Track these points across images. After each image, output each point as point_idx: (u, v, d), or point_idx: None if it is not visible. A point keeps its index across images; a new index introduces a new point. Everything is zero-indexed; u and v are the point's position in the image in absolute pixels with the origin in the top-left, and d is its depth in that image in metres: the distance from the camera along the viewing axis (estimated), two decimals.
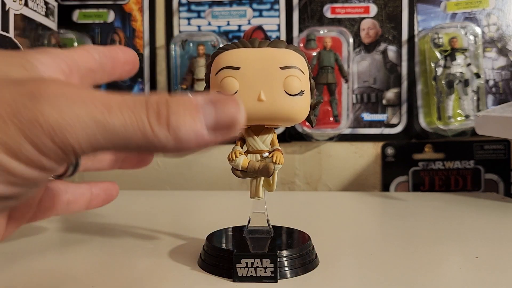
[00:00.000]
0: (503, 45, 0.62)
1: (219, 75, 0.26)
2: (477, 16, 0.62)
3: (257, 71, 0.25)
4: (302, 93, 0.26)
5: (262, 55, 0.26)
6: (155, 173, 0.65)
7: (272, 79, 0.25)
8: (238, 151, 0.27)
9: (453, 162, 0.62)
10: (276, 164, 0.26)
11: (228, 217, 0.34)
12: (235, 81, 0.25)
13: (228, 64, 0.26)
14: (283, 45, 0.27)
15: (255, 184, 0.28)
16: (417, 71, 0.63)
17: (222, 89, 0.26)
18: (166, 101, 0.17)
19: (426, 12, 0.63)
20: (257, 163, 0.27)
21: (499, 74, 0.62)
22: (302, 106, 0.26)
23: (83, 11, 0.64)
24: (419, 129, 0.62)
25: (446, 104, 0.60)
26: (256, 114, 0.25)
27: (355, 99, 0.63)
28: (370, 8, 0.63)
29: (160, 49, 0.65)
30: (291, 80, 0.25)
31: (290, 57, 0.26)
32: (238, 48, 0.26)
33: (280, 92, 0.25)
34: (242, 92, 0.25)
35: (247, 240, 0.29)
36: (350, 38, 0.62)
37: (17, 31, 0.49)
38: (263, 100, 0.25)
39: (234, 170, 0.27)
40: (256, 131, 0.28)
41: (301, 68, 0.26)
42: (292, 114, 0.26)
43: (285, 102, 0.25)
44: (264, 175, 0.27)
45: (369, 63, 0.63)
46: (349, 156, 0.64)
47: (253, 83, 0.25)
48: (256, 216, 0.30)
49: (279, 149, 0.27)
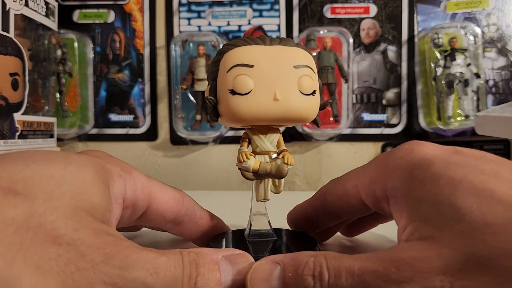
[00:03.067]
0: (503, 45, 0.62)
1: (231, 73, 0.25)
2: (477, 16, 0.62)
3: (271, 69, 0.25)
4: (315, 93, 0.25)
5: (274, 53, 0.25)
6: (155, 173, 0.65)
7: (286, 78, 0.25)
8: (248, 153, 0.26)
9: None
10: (288, 165, 0.26)
11: (228, 217, 0.34)
12: (250, 79, 0.24)
13: (241, 61, 0.25)
14: (293, 44, 0.26)
15: (263, 186, 0.27)
16: (417, 71, 0.63)
17: (236, 87, 0.24)
18: (196, 264, 0.19)
19: (426, 12, 0.63)
20: (268, 164, 0.26)
21: (499, 74, 0.62)
22: (315, 106, 0.26)
23: (83, 11, 0.64)
24: (419, 129, 0.62)
25: (446, 104, 0.60)
26: (272, 114, 0.25)
27: (355, 99, 0.63)
28: (370, 8, 0.63)
29: (160, 49, 0.65)
30: (305, 79, 0.25)
31: (302, 56, 0.25)
32: (250, 45, 0.25)
33: (295, 91, 0.25)
34: (257, 91, 0.24)
35: (248, 243, 0.28)
36: (350, 38, 0.62)
37: (18, 31, 0.49)
38: (279, 100, 0.24)
39: (244, 172, 0.26)
40: (263, 131, 0.27)
41: (312, 68, 0.26)
42: (306, 114, 0.26)
43: (301, 102, 0.25)
44: (278, 177, 0.26)
45: (369, 63, 0.63)
46: (349, 156, 0.64)
47: (267, 82, 0.24)
48: (257, 219, 0.29)
49: (286, 150, 0.27)
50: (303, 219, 0.30)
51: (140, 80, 0.64)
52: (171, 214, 0.27)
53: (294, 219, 0.31)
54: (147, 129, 0.65)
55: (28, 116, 0.51)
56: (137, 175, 0.25)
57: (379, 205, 0.24)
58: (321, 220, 0.29)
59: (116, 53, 0.64)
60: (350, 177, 0.26)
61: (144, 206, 0.25)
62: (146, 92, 0.64)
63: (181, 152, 0.65)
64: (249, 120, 0.25)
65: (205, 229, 0.29)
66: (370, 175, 0.24)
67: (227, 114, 0.25)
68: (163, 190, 0.26)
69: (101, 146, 0.65)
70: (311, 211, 0.29)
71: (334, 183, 0.28)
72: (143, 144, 0.65)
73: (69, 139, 0.64)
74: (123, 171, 0.24)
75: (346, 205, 0.26)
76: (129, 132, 0.65)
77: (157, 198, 0.26)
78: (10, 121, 0.48)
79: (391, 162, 0.23)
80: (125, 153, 0.65)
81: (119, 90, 0.64)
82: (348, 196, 0.26)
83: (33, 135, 0.52)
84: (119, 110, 0.65)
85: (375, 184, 0.23)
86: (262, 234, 0.28)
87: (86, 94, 0.64)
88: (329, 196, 0.28)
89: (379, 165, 0.24)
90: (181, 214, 0.27)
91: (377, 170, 0.24)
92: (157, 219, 0.26)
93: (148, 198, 0.25)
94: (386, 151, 0.22)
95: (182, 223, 0.28)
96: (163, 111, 0.65)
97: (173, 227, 0.28)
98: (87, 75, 0.64)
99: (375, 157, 0.26)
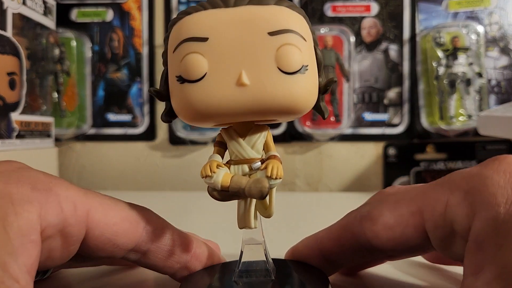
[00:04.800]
0: (505, 44, 0.61)
1: (178, 52, 0.18)
2: (479, 15, 0.62)
3: (234, 41, 0.17)
4: (306, 69, 0.18)
5: (240, 17, 0.17)
6: (154, 173, 0.64)
7: (257, 51, 0.17)
8: (215, 163, 0.18)
9: (455, 162, 0.61)
10: (273, 179, 0.18)
11: (228, 217, 0.33)
12: (202, 58, 0.17)
13: (190, 34, 0.17)
14: (272, 1, 0.18)
15: (243, 208, 0.19)
16: (419, 71, 0.62)
17: (183, 72, 0.17)
18: None
19: (427, 11, 0.62)
20: (243, 178, 0.18)
21: (501, 74, 0.61)
22: (307, 87, 0.18)
23: (81, 10, 0.64)
24: (420, 129, 0.62)
25: (448, 104, 0.59)
26: (237, 105, 0.17)
27: (356, 99, 0.63)
28: (371, 6, 0.62)
29: (159, 48, 0.64)
30: (287, 50, 0.17)
31: (283, 16, 0.18)
32: (205, 10, 0.18)
33: (271, 69, 0.17)
34: (214, 74, 0.17)
35: (238, 286, 0.20)
36: (351, 37, 0.61)
37: (15, 30, 0.48)
38: (246, 84, 0.17)
39: (211, 190, 0.19)
40: (242, 131, 0.19)
41: (300, 33, 0.18)
42: (293, 102, 0.17)
43: (280, 83, 0.17)
44: (255, 197, 0.18)
45: (370, 62, 0.63)
46: (350, 156, 0.63)
47: (229, 59, 0.17)
48: (249, 249, 0.21)
49: (275, 156, 0.19)
50: (316, 257, 0.23)
51: (139, 79, 0.64)
52: (127, 241, 0.20)
53: (300, 258, 0.23)
54: (145, 129, 0.64)
55: (26, 115, 0.50)
56: (63, 191, 0.18)
57: (449, 241, 0.18)
58: (346, 258, 0.22)
59: (114, 52, 0.64)
60: (403, 200, 0.19)
61: (80, 232, 0.19)
62: (145, 91, 0.64)
63: (180, 152, 0.65)
64: (205, 117, 0.18)
65: (184, 260, 0.22)
66: (446, 200, 0.18)
67: (178, 111, 0.19)
68: (109, 209, 0.20)
69: (99, 146, 0.65)
70: (332, 246, 0.22)
71: (375, 208, 0.20)
72: (141, 144, 0.65)
73: (67, 139, 0.64)
74: (35, 191, 0.17)
75: (397, 238, 0.19)
76: (127, 132, 0.64)
77: (99, 220, 0.19)
78: (7, 121, 0.47)
79: (483, 191, 0.17)
80: (124, 153, 0.65)
81: (117, 90, 0.64)
82: (403, 226, 0.19)
83: (30, 135, 0.52)
84: (118, 109, 0.64)
85: (454, 212, 0.17)
86: (255, 271, 0.20)
87: (84, 93, 0.64)
88: (369, 226, 0.20)
89: (460, 187, 0.18)
90: (144, 241, 0.20)
91: (458, 195, 0.17)
92: (107, 248, 0.20)
93: (84, 220, 0.19)
94: (469, 168, 0.18)
95: (149, 254, 0.21)
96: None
97: (138, 258, 0.21)
98: (85, 75, 0.64)
99: (450, 174, 0.19)
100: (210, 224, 0.35)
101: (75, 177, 0.65)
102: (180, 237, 0.22)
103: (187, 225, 0.43)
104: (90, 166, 0.65)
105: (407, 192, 0.20)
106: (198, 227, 0.40)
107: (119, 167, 0.64)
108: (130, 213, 0.20)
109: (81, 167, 0.65)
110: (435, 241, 0.18)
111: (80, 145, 0.65)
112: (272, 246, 0.23)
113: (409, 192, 0.20)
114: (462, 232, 0.17)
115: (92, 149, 0.65)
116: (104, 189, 0.64)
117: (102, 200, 0.20)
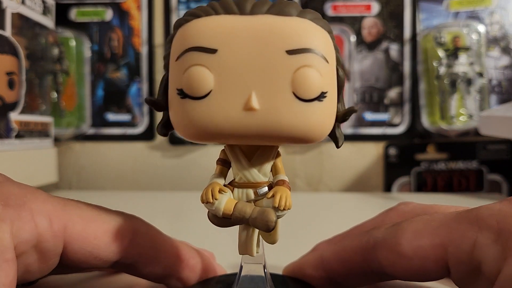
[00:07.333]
0: (506, 44, 0.61)
1: (182, 61, 0.15)
2: (480, 15, 0.61)
3: (246, 56, 0.15)
4: (324, 97, 0.16)
5: (256, 28, 0.15)
6: (153, 174, 0.64)
7: (271, 71, 0.15)
8: (218, 187, 0.17)
9: (456, 162, 0.61)
10: (280, 210, 0.16)
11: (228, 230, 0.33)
12: (208, 73, 0.15)
13: (197, 43, 0.15)
14: (295, 11, 0.16)
15: (245, 235, 0.18)
16: (420, 70, 0.62)
17: (186, 86, 0.15)
18: None
19: (428, 11, 0.62)
20: (248, 206, 0.17)
21: (502, 74, 0.61)
22: (323, 117, 0.16)
23: (80, 9, 0.64)
24: (421, 129, 0.62)
25: (448, 104, 0.59)
26: (243, 130, 0.15)
27: (356, 99, 0.62)
28: (372, 6, 0.62)
29: (159, 47, 0.64)
30: (305, 73, 0.15)
31: (305, 32, 0.15)
32: (217, 15, 0.16)
33: (285, 94, 0.15)
34: (220, 93, 0.15)
35: None
36: (352, 37, 0.61)
37: (14, 29, 0.48)
38: (255, 109, 0.15)
39: (212, 216, 0.17)
40: (249, 151, 0.18)
41: (323, 53, 0.16)
42: (306, 132, 0.16)
43: (294, 111, 0.15)
44: (261, 228, 0.17)
45: (371, 62, 0.62)
46: (351, 156, 0.63)
47: (238, 77, 0.15)
48: (248, 267, 0.19)
49: (284, 182, 0.17)
50: (320, 278, 0.22)
51: (138, 79, 0.64)
52: (110, 254, 0.19)
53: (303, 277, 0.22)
54: (145, 129, 0.64)
55: (25, 115, 0.50)
56: (38, 205, 0.18)
57: (472, 280, 0.17)
58: (354, 280, 0.21)
59: (113, 52, 0.64)
60: (424, 230, 0.18)
61: (57, 246, 0.18)
62: (144, 91, 0.64)
63: (180, 152, 0.65)
64: (206, 138, 0.16)
65: (177, 272, 0.21)
66: (475, 239, 0.16)
67: (176, 126, 0.17)
68: (90, 222, 0.19)
69: (98, 146, 0.64)
70: (340, 268, 0.21)
71: (391, 235, 0.19)
72: (141, 144, 0.65)
73: (66, 139, 0.64)
74: (7, 207, 0.17)
75: (414, 269, 0.18)
76: (126, 132, 0.64)
77: (78, 234, 0.18)
78: (6, 120, 0.47)
79: None
80: (123, 153, 0.64)
81: (116, 90, 0.64)
82: (423, 259, 0.18)
83: (29, 135, 0.51)
84: (117, 109, 0.64)
85: (483, 252, 0.16)
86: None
87: (83, 93, 0.63)
88: (385, 254, 0.18)
89: (491, 226, 0.16)
90: (131, 253, 0.20)
91: (488, 236, 0.16)
92: (89, 261, 0.19)
93: (61, 234, 0.18)
94: (498, 204, 0.16)
95: (138, 265, 0.20)
96: None
97: (127, 270, 0.21)
98: (84, 74, 0.63)
99: (477, 208, 0.18)
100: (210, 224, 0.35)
101: (74, 177, 0.65)
102: (172, 248, 0.21)
103: (187, 225, 0.42)
104: (90, 166, 0.65)
105: (428, 223, 0.18)
106: (198, 227, 0.39)
107: (119, 167, 0.64)
108: (113, 225, 0.19)
109: (80, 167, 0.65)
110: (456, 276, 0.18)
111: (79, 145, 0.65)
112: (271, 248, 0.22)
113: (430, 223, 0.18)
114: (489, 274, 0.16)
115: (91, 149, 0.65)
116: (103, 189, 0.64)
117: (83, 213, 0.19)
